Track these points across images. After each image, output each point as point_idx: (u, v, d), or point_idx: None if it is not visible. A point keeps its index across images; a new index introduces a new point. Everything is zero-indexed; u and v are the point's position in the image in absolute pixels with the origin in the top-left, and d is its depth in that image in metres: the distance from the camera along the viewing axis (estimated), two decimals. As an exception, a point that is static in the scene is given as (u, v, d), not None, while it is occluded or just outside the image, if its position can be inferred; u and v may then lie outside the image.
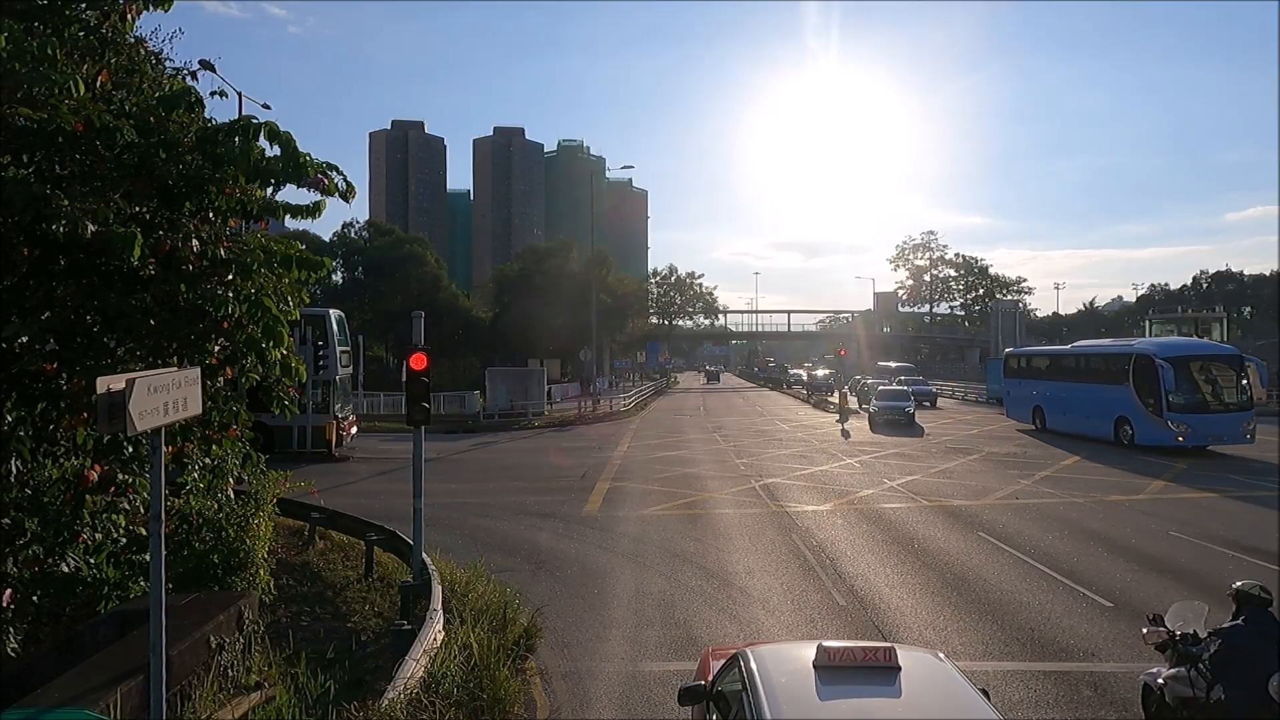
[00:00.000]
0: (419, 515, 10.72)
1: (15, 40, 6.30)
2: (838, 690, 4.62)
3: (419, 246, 77.51)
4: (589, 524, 16.55)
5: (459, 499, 19.02)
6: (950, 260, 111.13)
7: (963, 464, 24.78)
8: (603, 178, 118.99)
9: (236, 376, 8.33)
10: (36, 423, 7.54)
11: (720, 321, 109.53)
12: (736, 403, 59.33)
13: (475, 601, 9.96)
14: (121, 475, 7.91)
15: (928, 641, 9.64)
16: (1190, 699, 6.39)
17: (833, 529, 15.90)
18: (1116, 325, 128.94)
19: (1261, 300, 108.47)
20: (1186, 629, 6.71)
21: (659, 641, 9.90)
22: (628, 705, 8.16)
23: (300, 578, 11.89)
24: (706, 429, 37.75)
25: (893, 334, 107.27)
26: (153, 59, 10.19)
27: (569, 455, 28.08)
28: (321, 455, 26.49)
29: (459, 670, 7.66)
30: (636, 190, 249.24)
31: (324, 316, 27.78)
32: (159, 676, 5.47)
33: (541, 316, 63.03)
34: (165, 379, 5.36)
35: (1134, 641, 9.00)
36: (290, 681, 7.45)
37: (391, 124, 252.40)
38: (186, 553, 9.55)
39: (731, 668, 5.30)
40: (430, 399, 11.03)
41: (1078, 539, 14.82)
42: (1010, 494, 19.41)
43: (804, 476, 22.56)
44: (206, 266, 7.50)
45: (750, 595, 11.75)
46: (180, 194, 7.41)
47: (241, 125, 7.24)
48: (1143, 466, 23.73)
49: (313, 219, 8.16)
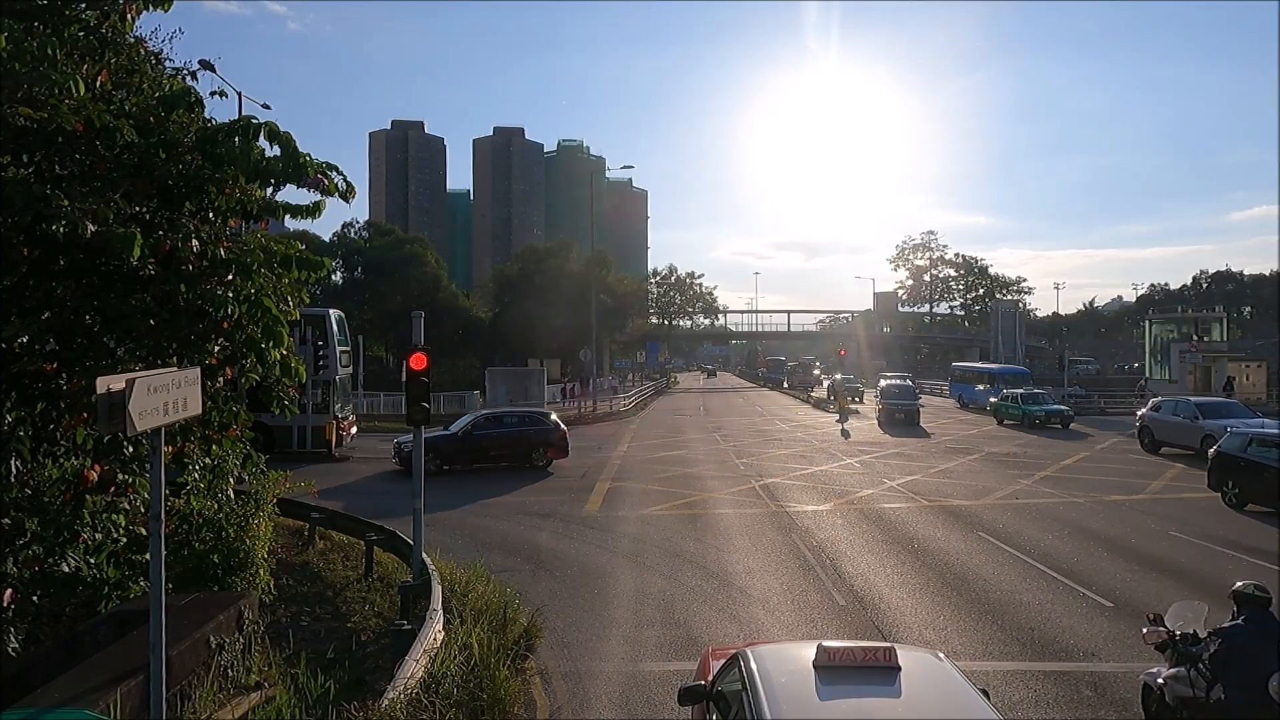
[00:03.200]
0: (419, 515, 10.73)
1: (15, 40, 6.29)
2: (838, 690, 4.62)
3: (419, 246, 77.44)
4: (589, 524, 16.55)
5: (459, 499, 19.01)
6: (950, 260, 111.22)
7: (963, 464, 24.79)
8: (603, 178, 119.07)
9: (236, 376, 8.33)
10: (36, 423, 7.54)
11: (720, 321, 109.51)
12: (736, 403, 59.33)
13: (475, 601, 9.96)
14: (121, 475, 7.90)
15: (928, 641, 9.64)
16: (1190, 699, 6.39)
17: (833, 529, 15.90)
18: (1116, 325, 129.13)
19: (1261, 300, 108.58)
20: (1186, 629, 6.71)
21: (659, 641, 9.91)
22: (628, 705, 8.16)
23: (300, 578, 11.89)
24: (706, 429, 37.75)
25: (893, 334, 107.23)
26: (153, 59, 10.19)
27: (569, 455, 28.03)
28: (321, 455, 26.46)
29: (459, 670, 7.66)
30: (636, 190, 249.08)
31: (324, 316, 27.78)
32: (159, 676, 5.47)
33: (541, 316, 63.01)
34: (165, 379, 5.35)
35: (1134, 641, 9.00)
36: (290, 681, 7.45)
37: (391, 124, 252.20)
38: (186, 553, 9.55)
39: (731, 668, 5.30)
40: (430, 399, 11.03)
41: (1078, 539, 14.82)
42: (1010, 494, 19.41)
43: (804, 476, 22.56)
44: (206, 266, 7.50)
45: (750, 595, 11.75)
46: (180, 194, 7.41)
47: (241, 125, 7.24)
48: (1143, 466, 23.74)
49: (313, 219, 8.17)
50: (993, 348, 75.24)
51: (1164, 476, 21.96)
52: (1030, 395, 38.78)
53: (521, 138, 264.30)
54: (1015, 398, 38.58)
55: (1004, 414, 38.60)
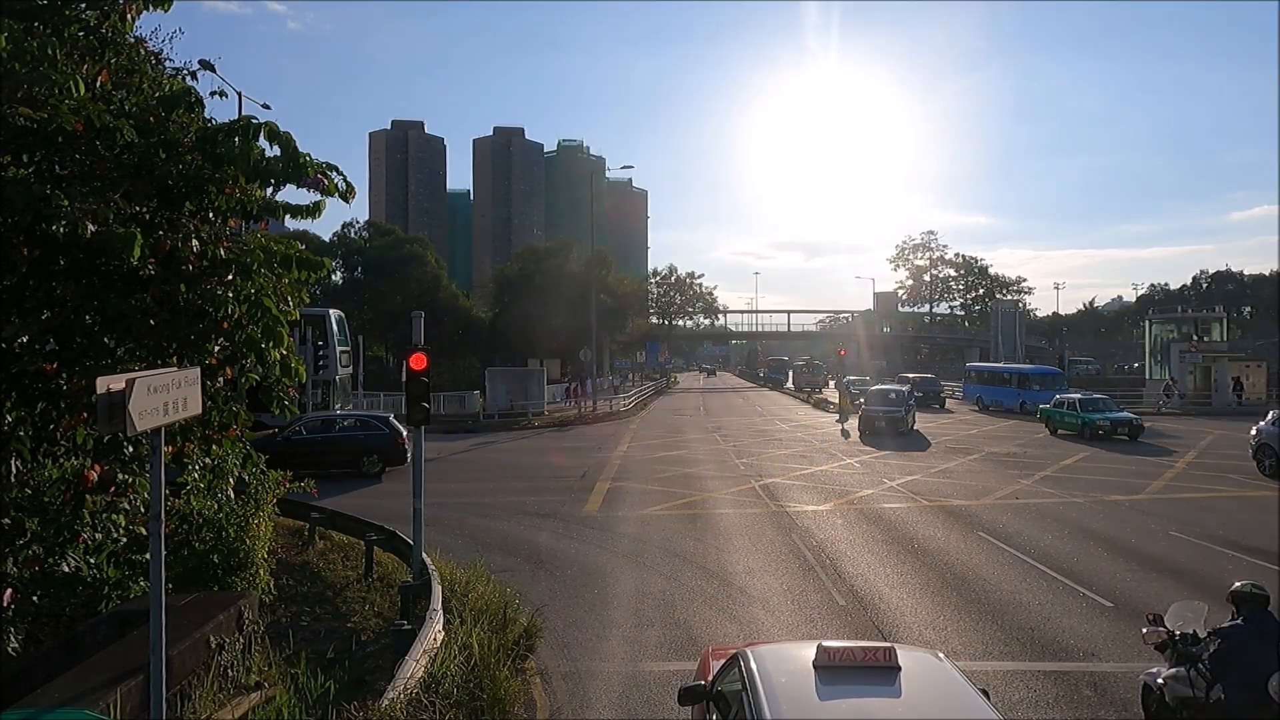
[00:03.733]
0: (419, 515, 10.72)
1: (15, 40, 6.29)
2: (838, 690, 4.62)
3: (419, 246, 77.36)
4: (589, 524, 16.54)
5: (459, 499, 19.01)
6: (950, 260, 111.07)
7: (963, 464, 24.78)
8: (603, 178, 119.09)
9: (236, 376, 8.33)
10: (36, 423, 7.54)
11: (720, 321, 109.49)
12: (736, 402, 59.33)
13: (475, 601, 9.96)
14: (121, 475, 7.90)
15: (928, 641, 9.64)
16: (1190, 699, 6.39)
17: (833, 529, 15.90)
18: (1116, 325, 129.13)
19: (1261, 300, 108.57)
20: (1186, 629, 6.71)
21: (659, 641, 9.91)
22: (628, 705, 8.16)
23: (300, 578, 11.89)
24: (706, 429, 37.74)
25: (893, 334, 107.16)
26: (153, 59, 10.16)
27: (569, 455, 28.07)
28: (321, 455, 26.44)
29: (459, 670, 7.66)
30: (636, 190, 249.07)
31: (324, 316, 27.84)
32: (159, 676, 5.47)
33: (541, 316, 62.97)
34: (165, 379, 5.36)
35: (1134, 641, 9.00)
36: (290, 681, 7.45)
37: (391, 124, 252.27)
38: (186, 553, 9.55)
39: (731, 668, 5.30)
40: (430, 399, 11.03)
41: (1078, 539, 14.82)
42: (1010, 494, 19.41)
43: (804, 476, 22.56)
44: (206, 266, 7.50)
45: (750, 595, 11.75)
46: (180, 194, 7.41)
47: (241, 125, 7.23)
48: (1143, 466, 23.73)
49: (313, 219, 8.17)
50: (993, 348, 75.08)
51: (1164, 476, 21.95)
52: (1090, 401, 32.88)
53: (521, 138, 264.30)
54: (1073, 404, 32.77)
55: (1057, 422, 33.04)
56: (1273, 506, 17.41)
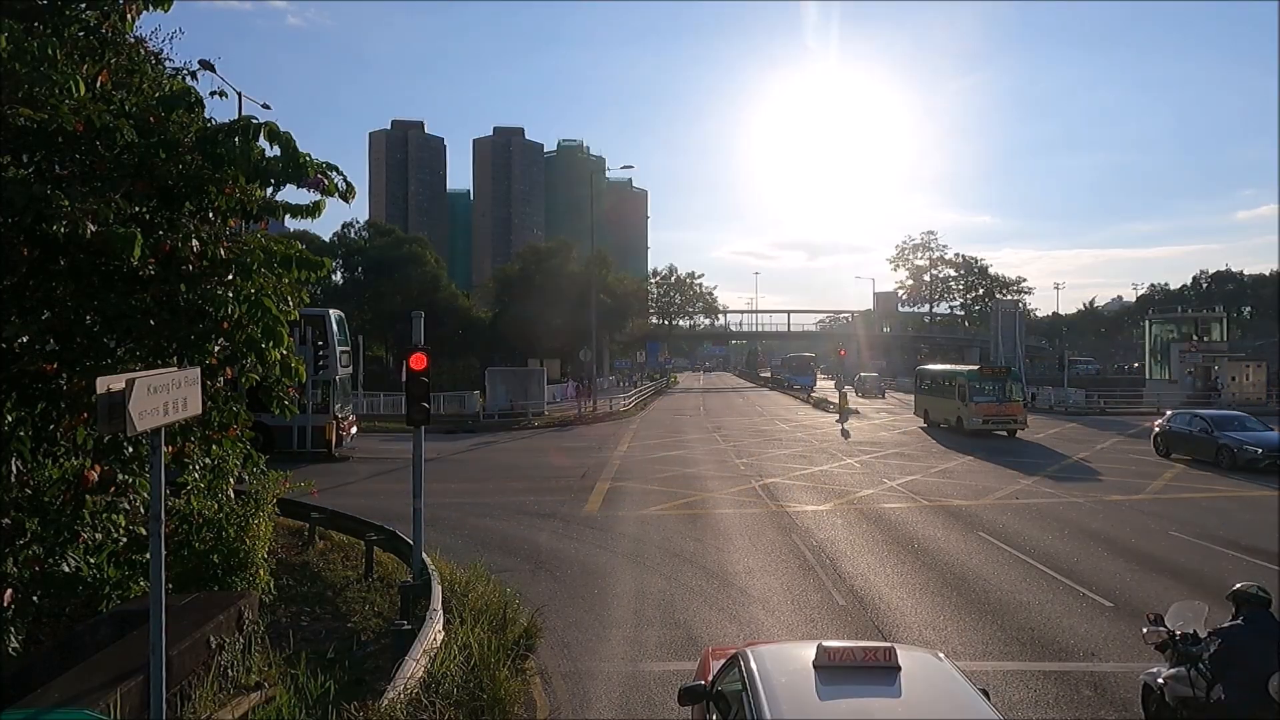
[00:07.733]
0: (419, 515, 10.72)
1: (15, 40, 6.30)
2: (838, 690, 4.62)
3: (419, 246, 77.39)
4: (589, 524, 16.54)
5: (459, 499, 19.00)
6: (950, 260, 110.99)
7: (963, 464, 24.79)
8: (602, 178, 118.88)
9: (236, 376, 8.34)
10: (36, 423, 7.54)
11: (720, 321, 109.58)
12: (736, 403, 59.33)
13: (475, 601, 9.95)
14: (121, 475, 7.90)
15: (928, 641, 9.63)
16: (1190, 699, 6.39)
17: (832, 529, 15.90)
18: (1116, 325, 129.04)
19: (1261, 300, 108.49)
20: (1186, 629, 6.71)
21: (659, 641, 9.90)
22: (628, 705, 8.15)
23: (300, 578, 11.89)
24: (706, 429, 37.75)
25: (893, 334, 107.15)
26: (153, 59, 10.18)
27: (569, 455, 28.07)
28: (321, 455, 26.45)
29: (459, 670, 7.66)
30: (636, 190, 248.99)
31: (324, 316, 27.75)
32: (159, 676, 5.47)
33: (541, 316, 62.99)
34: (165, 379, 5.36)
35: (1134, 641, 9.00)
36: (290, 681, 7.45)
37: (391, 124, 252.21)
38: (186, 553, 9.55)
39: (731, 668, 5.30)
40: (430, 399, 11.03)
41: (1078, 539, 14.82)
42: (1010, 494, 19.41)
43: (804, 476, 22.56)
44: (206, 267, 7.51)
45: (750, 595, 11.75)
46: (180, 194, 7.41)
47: (241, 125, 7.24)
48: (1143, 467, 23.73)
49: (313, 219, 8.18)
50: (993, 348, 74.96)
51: (1164, 476, 21.95)
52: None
53: (521, 138, 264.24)
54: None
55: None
56: (1273, 506, 17.43)
